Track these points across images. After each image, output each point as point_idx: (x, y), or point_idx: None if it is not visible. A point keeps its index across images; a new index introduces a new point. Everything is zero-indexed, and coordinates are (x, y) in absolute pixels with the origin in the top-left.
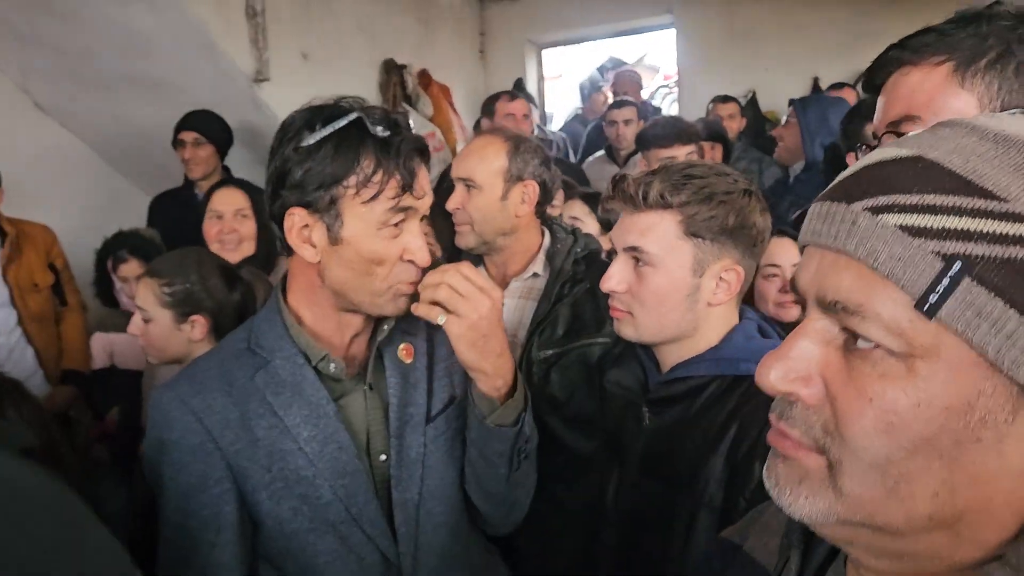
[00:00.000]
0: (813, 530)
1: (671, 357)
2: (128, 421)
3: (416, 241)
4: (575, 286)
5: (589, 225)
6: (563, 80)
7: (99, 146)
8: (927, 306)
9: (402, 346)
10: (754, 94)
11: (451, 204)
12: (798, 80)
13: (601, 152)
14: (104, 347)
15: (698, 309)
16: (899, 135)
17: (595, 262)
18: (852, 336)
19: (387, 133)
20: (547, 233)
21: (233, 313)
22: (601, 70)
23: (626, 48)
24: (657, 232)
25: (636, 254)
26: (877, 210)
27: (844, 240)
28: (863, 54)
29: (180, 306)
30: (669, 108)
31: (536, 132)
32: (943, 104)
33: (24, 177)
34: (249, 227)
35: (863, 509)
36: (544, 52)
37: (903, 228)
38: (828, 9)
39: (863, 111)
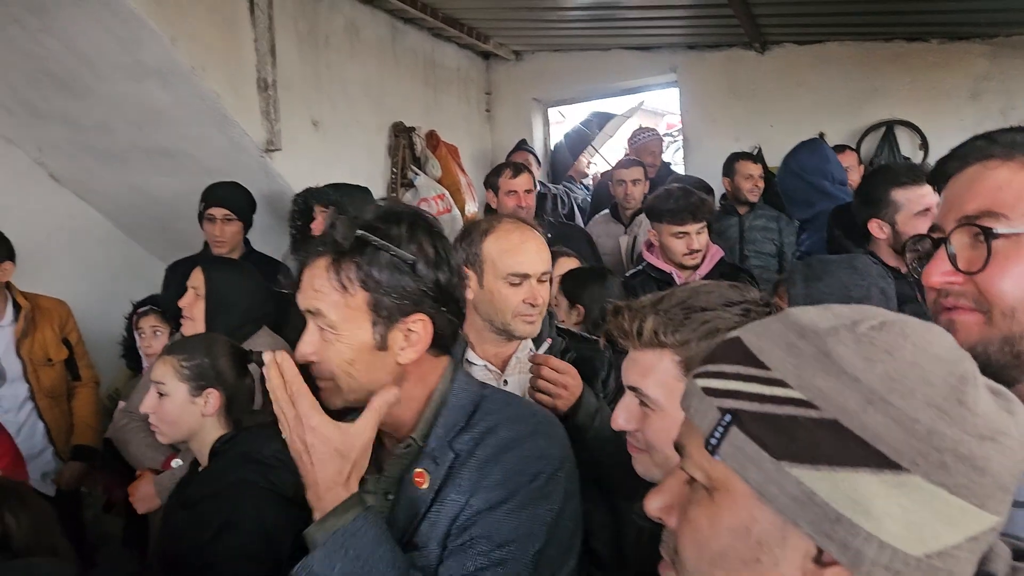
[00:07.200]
0: None
1: None
2: None
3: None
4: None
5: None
6: (568, 125)
7: (114, 215)
8: (709, 446)
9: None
10: (760, 150)
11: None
12: (804, 136)
13: (606, 211)
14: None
15: None
16: (979, 228)
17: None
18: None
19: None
20: None
21: (246, 395)
22: (586, 124)
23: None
24: (656, 374)
25: (638, 395)
26: (697, 375)
27: (685, 399)
28: (867, 110)
29: (196, 379)
30: (673, 157)
31: (538, 189)
32: None
33: (39, 249)
34: None
35: None
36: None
37: (704, 388)
38: (830, 66)
39: (887, 176)
